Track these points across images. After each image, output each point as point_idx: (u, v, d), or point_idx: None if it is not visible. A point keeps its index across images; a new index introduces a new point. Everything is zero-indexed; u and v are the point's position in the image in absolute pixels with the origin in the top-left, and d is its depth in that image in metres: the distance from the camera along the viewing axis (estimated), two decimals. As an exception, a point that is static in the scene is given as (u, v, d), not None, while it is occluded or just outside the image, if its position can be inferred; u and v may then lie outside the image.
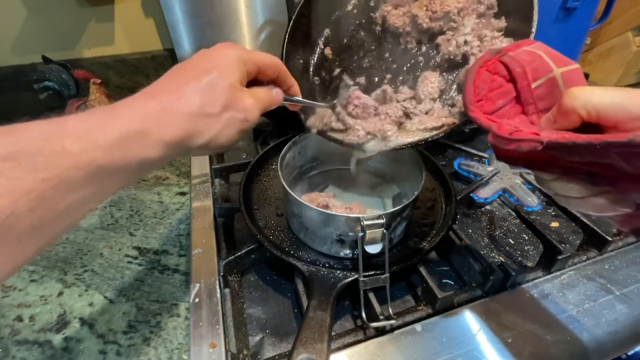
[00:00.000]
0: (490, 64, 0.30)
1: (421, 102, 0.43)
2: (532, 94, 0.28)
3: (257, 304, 0.45)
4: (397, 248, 0.45)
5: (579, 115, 0.24)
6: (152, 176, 0.71)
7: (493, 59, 0.30)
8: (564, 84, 0.27)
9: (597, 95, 0.23)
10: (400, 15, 0.47)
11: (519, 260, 0.50)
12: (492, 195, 0.58)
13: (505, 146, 0.25)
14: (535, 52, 0.28)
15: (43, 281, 0.51)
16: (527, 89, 0.28)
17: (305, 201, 0.41)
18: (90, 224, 0.61)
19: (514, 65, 0.28)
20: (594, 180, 0.27)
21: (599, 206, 0.27)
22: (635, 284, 0.44)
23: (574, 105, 0.24)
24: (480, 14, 0.42)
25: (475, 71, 0.30)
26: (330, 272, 0.41)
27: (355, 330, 0.40)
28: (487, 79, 0.29)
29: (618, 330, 0.39)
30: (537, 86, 0.28)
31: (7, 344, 0.43)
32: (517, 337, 0.38)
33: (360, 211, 0.47)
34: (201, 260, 0.47)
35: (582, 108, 0.24)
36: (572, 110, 0.24)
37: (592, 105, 0.23)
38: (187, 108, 0.27)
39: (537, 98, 0.28)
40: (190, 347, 0.38)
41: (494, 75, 0.29)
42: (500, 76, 0.29)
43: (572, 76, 0.27)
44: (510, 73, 0.29)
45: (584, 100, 0.24)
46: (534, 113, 0.29)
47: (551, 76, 0.27)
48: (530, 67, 0.28)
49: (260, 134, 0.76)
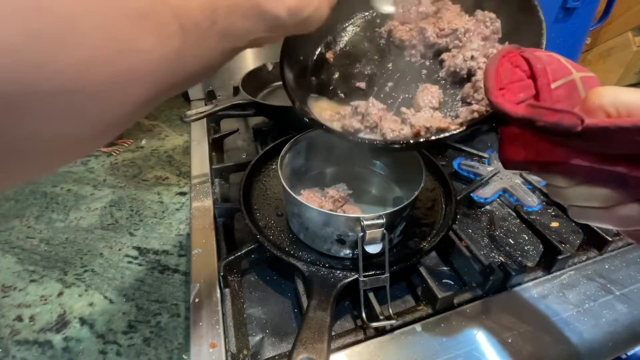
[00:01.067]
0: (512, 57, 0.29)
1: (420, 110, 0.42)
2: (551, 94, 0.27)
3: (257, 304, 0.45)
4: (397, 248, 0.45)
5: (607, 114, 0.23)
6: (152, 176, 0.71)
7: (515, 51, 0.29)
8: (584, 88, 0.26)
9: (627, 93, 0.22)
10: (407, 30, 0.47)
11: (519, 260, 0.50)
12: (492, 195, 0.58)
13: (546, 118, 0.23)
14: (554, 56, 0.28)
15: (43, 281, 0.51)
16: (547, 88, 0.27)
17: (304, 198, 0.41)
18: (90, 224, 0.61)
19: (535, 61, 0.27)
20: (626, 183, 0.24)
21: (627, 218, 0.24)
22: (635, 284, 0.44)
23: (602, 102, 0.22)
24: (485, 37, 0.42)
25: (498, 59, 0.28)
26: (330, 272, 0.41)
27: (355, 330, 0.40)
28: (509, 69, 0.28)
29: (618, 330, 0.39)
30: (556, 87, 0.27)
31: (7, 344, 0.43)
32: (517, 337, 0.38)
33: (354, 212, 0.47)
34: (201, 260, 0.47)
35: (611, 106, 0.22)
36: (600, 107, 0.23)
37: (621, 102, 0.22)
38: None
39: (555, 99, 0.27)
40: (190, 347, 0.38)
41: (516, 68, 0.28)
42: (522, 70, 0.28)
43: (590, 82, 0.26)
44: (532, 69, 0.28)
45: (613, 98, 0.22)
46: None
47: (570, 79, 0.26)
48: (551, 67, 0.27)
49: (260, 134, 0.76)
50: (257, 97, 0.81)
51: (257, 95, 0.82)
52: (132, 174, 0.72)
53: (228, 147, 0.75)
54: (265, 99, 0.82)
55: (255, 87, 0.82)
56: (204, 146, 0.71)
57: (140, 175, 0.72)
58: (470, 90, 0.40)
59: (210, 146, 0.70)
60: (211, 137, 0.72)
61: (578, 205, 0.27)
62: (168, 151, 0.79)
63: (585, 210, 0.26)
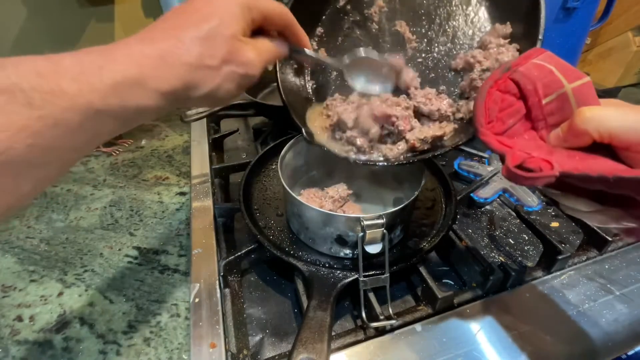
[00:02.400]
0: (501, 83, 0.29)
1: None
2: (543, 110, 0.28)
3: (257, 304, 0.45)
4: (397, 248, 0.45)
5: (591, 137, 0.24)
6: (152, 176, 0.71)
7: (503, 77, 0.29)
8: (576, 99, 0.27)
9: (610, 118, 0.24)
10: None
11: (519, 260, 0.50)
12: (492, 195, 0.58)
13: (521, 183, 0.25)
14: (546, 67, 0.28)
15: (43, 281, 0.51)
16: (538, 105, 0.28)
17: (304, 198, 0.41)
18: (90, 224, 0.61)
19: (525, 82, 0.28)
20: (602, 200, 0.27)
21: (605, 220, 0.28)
22: (635, 284, 0.44)
23: (587, 127, 0.24)
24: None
25: (486, 92, 0.30)
26: (330, 272, 0.41)
27: (355, 330, 0.40)
28: (498, 99, 0.29)
29: (618, 330, 0.39)
30: (548, 102, 0.28)
31: (7, 344, 0.43)
32: (517, 337, 0.38)
33: (355, 211, 0.47)
34: (201, 260, 0.47)
35: (595, 131, 0.24)
36: (584, 132, 0.24)
37: (605, 129, 0.24)
38: (185, 58, 0.25)
39: (547, 114, 0.28)
40: (190, 347, 0.38)
41: (505, 94, 0.29)
42: (511, 95, 0.29)
43: (583, 91, 0.27)
44: (521, 90, 0.29)
45: (597, 123, 0.24)
46: (543, 128, 0.29)
47: (562, 92, 0.27)
48: (542, 82, 0.28)
49: (260, 134, 0.76)
50: (257, 97, 0.81)
51: (257, 95, 0.82)
52: (132, 174, 0.72)
53: (228, 147, 0.75)
54: (265, 99, 0.82)
55: (255, 87, 0.82)
56: (204, 146, 0.71)
57: (140, 175, 0.72)
58: (467, 87, 0.41)
59: (210, 146, 0.70)
60: (211, 137, 0.72)
61: (566, 206, 0.30)
62: (168, 151, 0.79)
63: (574, 210, 0.29)
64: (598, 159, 0.25)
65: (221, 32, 0.26)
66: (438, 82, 0.44)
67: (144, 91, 0.24)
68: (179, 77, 0.25)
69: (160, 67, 0.24)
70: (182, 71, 0.25)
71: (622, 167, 0.23)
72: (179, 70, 0.25)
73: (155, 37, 0.25)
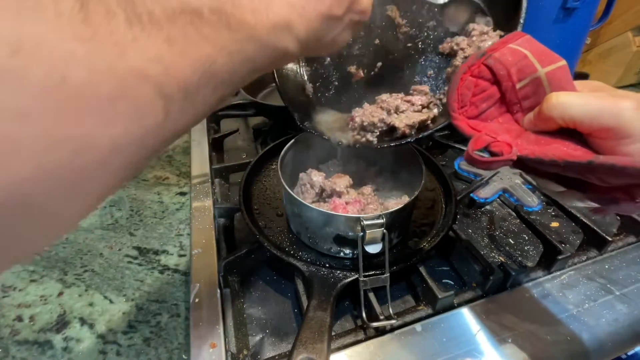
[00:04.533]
0: (475, 68, 0.30)
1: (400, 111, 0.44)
2: (517, 94, 0.29)
3: (257, 304, 0.45)
4: (397, 248, 0.45)
5: (557, 123, 0.26)
6: (152, 176, 0.71)
7: (477, 62, 0.30)
8: (549, 83, 0.27)
9: (573, 105, 0.25)
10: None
11: (519, 260, 0.50)
12: (492, 195, 0.58)
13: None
14: (521, 51, 0.29)
15: (43, 281, 0.51)
16: (512, 89, 0.29)
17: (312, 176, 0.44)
18: (90, 224, 0.61)
19: (498, 68, 0.29)
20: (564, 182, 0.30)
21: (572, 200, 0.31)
22: (635, 284, 0.44)
23: (552, 114, 0.26)
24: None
25: (458, 79, 0.31)
26: (330, 272, 0.41)
27: (355, 330, 0.40)
28: (471, 84, 0.30)
29: (618, 330, 0.39)
30: (521, 86, 0.29)
31: (7, 344, 0.43)
32: (517, 337, 0.38)
33: (343, 181, 0.48)
34: (201, 260, 0.47)
35: (559, 118, 0.26)
36: (550, 119, 0.26)
37: (568, 116, 0.25)
38: (319, 7, 0.27)
39: (522, 97, 0.29)
40: (190, 347, 0.38)
41: (479, 79, 0.30)
42: (485, 80, 0.30)
43: (557, 75, 0.27)
44: (495, 75, 0.30)
45: (561, 111, 0.25)
46: (518, 112, 0.30)
47: (536, 76, 0.28)
48: (515, 67, 0.28)
49: (260, 134, 0.76)
50: (257, 97, 0.81)
51: (257, 95, 0.82)
52: (132, 174, 0.72)
53: (228, 147, 0.75)
54: (265, 99, 0.82)
55: (255, 87, 0.82)
56: (204, 146, 0.71)
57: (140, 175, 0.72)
58: (451, 74, 0.42)
59: (210, 146, 0.70)
60: (211, 137, 0.72)
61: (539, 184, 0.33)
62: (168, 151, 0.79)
63: (546, 189, 0.32)
64: (559, 144, 0.26)
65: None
66: (426, 68, 0.46)
67: (290, 35, 0.25)
68: (313, 26, 0.27)
69: (303, 15, 0.26)
70: (317, 20, 0.27)
71: (577, 153, 0.25)
72: (314, 19, 0.27)
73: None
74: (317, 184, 0.46)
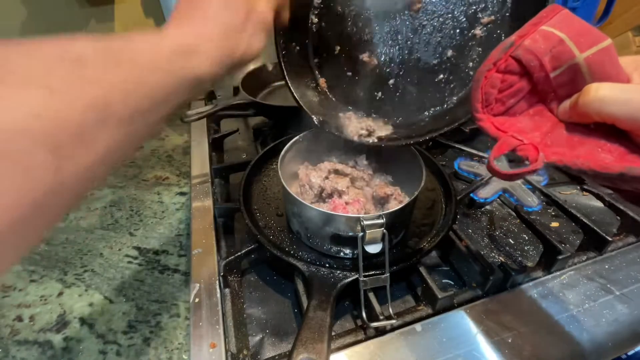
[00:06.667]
0: (501, 63, 0.27)
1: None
2: (551, 83, 0.26)
3: (257, 304, 0.45)
4: (397, 248, 0.45)
5: (594, 119, 0.24)
6: (152, 176, 0.71)
7: (504, 56, 0.27)
8: (589, 70, 0.24)
9: (612, 102, 0.23)
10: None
11: (519, 260, 0.50)
12: (492, 195, 0.58)
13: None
14: (556, 35, 0.25)
15: (43, 281, 0.51)
16: (545, 79, 0.26)
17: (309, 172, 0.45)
18: (90, 224, 0.61)
19: (528, 59, 0.26)
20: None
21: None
22: (635, 284, 0.44)
23: (588, 110, 0.24)
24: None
25: (482, 77, 0.28)
26: (330, 272, 0.41)
27: (355, 330, 0.40)
28: (497, 81, 0.27)
29: (618, 330, 0.39)
30: (556, 75, 0.26)
31: (7, 344, 0.43)
32: (517, 337, 0.38)
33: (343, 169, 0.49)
34: (201, 260, 0.47)
35: (596, 114, 0.23)
36: (586, 115, 0.24)
37: (606, 114, 0.23)
38: (218, 29, 0.28)
39: (557, 86, 0.26)
40: (190, 347, 0.38)
41: (505, 74, 0.27)
42: (513, 74, 0.27)
43: (598, 59, 0.24)
44: (524, 67, 0.27)
45: (599, 108, 0.23)
46: (553, 100, 0.27)
47: (573, 63, 0.24)
48: (549, 55, 0.25)
49: (260, 134, 0.76)
50: (257, 97, 0.81)
51: (257, 95, 0.82)
52: (132, 174, 0.72)
53: (228, 147, 0.75)
54: (265, 99, 0.82)
55: (255, 87, 0.82)
56: (204, 146, 0.71)
57: (140, 175, 0.72)
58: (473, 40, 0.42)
59: (210, 146, 0.70)
60: (211, 137, 0.72)
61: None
62: (168, 151, 0.79)
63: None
64: (594, 143, 0.24)
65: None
66: (442, 45, 0.44)
67: (195, 57, 0.26)
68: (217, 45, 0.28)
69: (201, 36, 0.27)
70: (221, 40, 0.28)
71: (611, 157, 0.23)
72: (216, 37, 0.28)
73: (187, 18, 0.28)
74: (316, 184, 0.46)
